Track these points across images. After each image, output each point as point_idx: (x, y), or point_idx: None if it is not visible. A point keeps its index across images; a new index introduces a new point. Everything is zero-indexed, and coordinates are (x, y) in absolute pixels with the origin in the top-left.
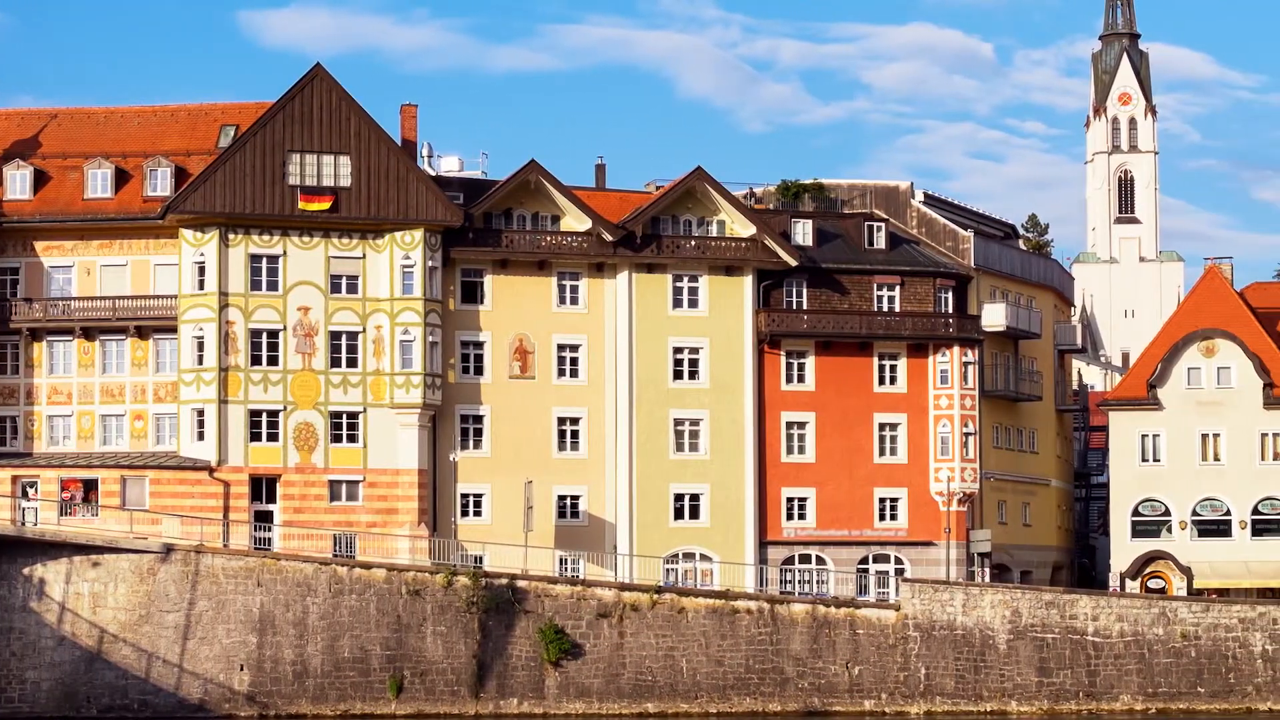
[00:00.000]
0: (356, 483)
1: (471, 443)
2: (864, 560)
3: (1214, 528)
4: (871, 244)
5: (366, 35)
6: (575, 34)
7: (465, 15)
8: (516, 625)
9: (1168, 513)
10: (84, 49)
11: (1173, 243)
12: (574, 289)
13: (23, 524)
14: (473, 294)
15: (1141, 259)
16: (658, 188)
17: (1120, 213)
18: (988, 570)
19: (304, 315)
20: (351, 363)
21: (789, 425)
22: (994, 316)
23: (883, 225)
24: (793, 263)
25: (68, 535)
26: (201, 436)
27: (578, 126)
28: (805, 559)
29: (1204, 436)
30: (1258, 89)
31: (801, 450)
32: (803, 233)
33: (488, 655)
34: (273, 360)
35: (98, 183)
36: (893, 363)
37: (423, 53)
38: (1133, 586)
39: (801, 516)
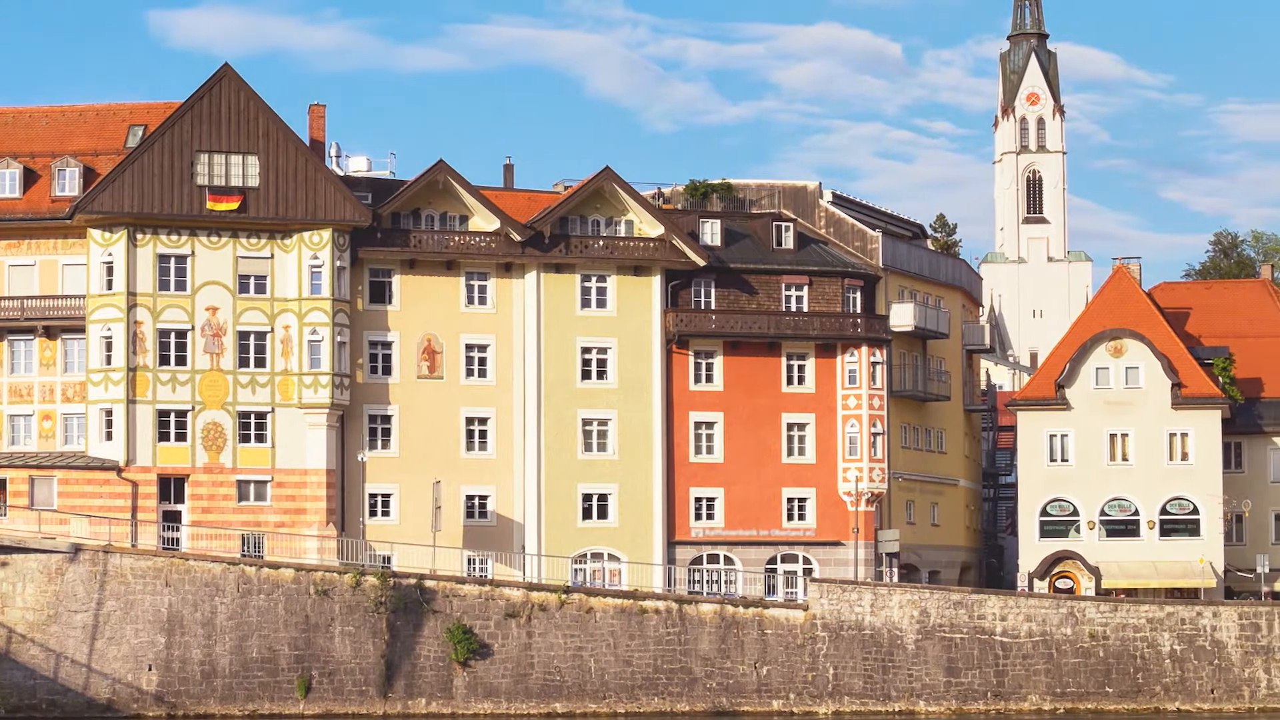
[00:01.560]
0: (265, 483)
1: (380, 443)
2: (772, 560)
3: (1122, 528)
4: (780, 244)
5: (275, 35)
6: (483, 34)
7: (373, 15)
8: (424, 625)
9: (1076, 513)
10: None
11: (1081, 243)
12: (482, 289)
13: None
14: (381, 294)
15: (1050, 259)
16: (566, 188)
17: (1028, 213)
18: (896, 570)
19: (212, 315)
20: (260, 363)
21: (697, 425)
22: (902, 316)
23: (791, 225)
24: (701, 263)
25: None
26: (110, 436)
27: (486, 126)
28: (713, 559)
29: (1112, 437)
30: (1166, 89)
31: (710, 450)
32: (711, 233)
33: (396, 655)
34: (181, 360)
35: (5, 182)
36: (801, 363)
37: (331, 53)
38: (1041, 587)
39: (710, 516)
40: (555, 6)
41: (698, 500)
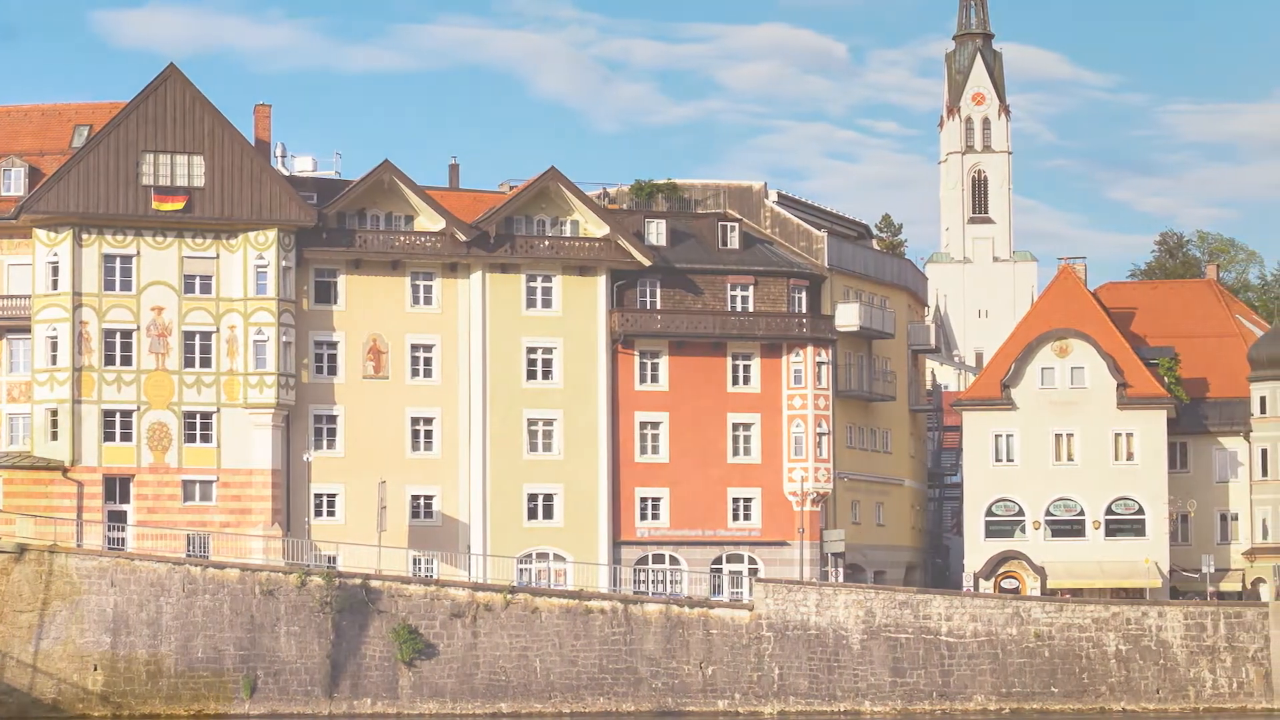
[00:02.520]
0: (210, 483)
1: (325, 443)
2: (717, 560)
3: (1068, 528)
4: (725, 244)
5: (220, 35)
6: (429, 34)
7: (319, 15)
8: (370, 625)
9: (1021, 513)
10: None
11: (1026, 243)
12: (427, 289)
13: None
14: (326, 294)
15: (995, 259)
16: (511, 188)
17: (974, 213)
18: (841, 570)
19: (158, 315)
20: (205, 363)
21: (642, 425)
22: (847, 317)
23: (736, 225)
24: (646, 263)
25: None
26: (55, 436)
27: (432, 126)
28: (659, 559)
29: (1057, 437)
30: (1111, 89)
31: (655, 450)
32: (656, 233)
33: (341, 655)
34: (126, 360)
35: None
36: (746, 363)
37: (276, 52)
38: (986, 586)
39: (655, 516)
40: (501, 6)
41: (643, 500)
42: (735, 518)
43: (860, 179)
